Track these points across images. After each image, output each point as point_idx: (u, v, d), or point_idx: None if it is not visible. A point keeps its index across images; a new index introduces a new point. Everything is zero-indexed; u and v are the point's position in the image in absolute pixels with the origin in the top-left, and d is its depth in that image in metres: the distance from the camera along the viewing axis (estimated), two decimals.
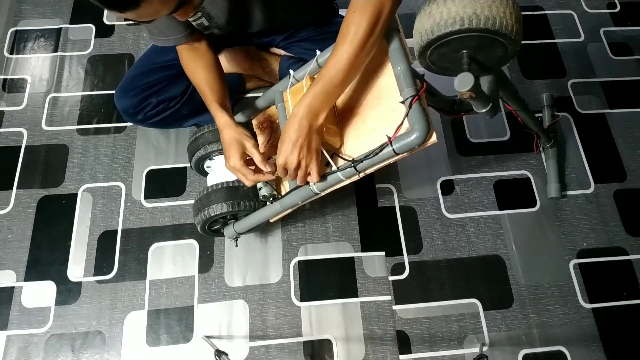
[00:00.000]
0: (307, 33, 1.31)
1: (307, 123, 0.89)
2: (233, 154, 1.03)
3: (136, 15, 0.74)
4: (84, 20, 1.67)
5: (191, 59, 1.12)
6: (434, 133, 0.85)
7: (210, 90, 1.09)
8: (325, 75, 0.88)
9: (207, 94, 1.09)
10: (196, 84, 1.13)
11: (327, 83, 0.88)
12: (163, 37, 1.08)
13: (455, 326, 1.25)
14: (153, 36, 1.10)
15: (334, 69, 0.87)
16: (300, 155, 0.92)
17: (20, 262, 1.30)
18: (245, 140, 1.03)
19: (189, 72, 1.14)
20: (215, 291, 1.28)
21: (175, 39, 1.08)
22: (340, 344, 1.23)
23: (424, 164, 1.45)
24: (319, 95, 0.89)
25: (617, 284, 1.32)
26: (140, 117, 1.33)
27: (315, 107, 0.89)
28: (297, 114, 0.90)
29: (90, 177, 1.41)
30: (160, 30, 1.07)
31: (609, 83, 1.59)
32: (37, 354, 1.21)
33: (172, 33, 1.07)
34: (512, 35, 0.79)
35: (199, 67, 1.11)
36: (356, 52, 0.85)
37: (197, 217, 1.14)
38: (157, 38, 1.09)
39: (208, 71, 1.11)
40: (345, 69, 0.87)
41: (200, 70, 1.11)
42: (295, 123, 0.90)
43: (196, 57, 1.12)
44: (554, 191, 1.39)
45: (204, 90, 1.10)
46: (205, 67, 1.11)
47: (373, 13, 0.83)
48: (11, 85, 1.55)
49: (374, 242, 1.34)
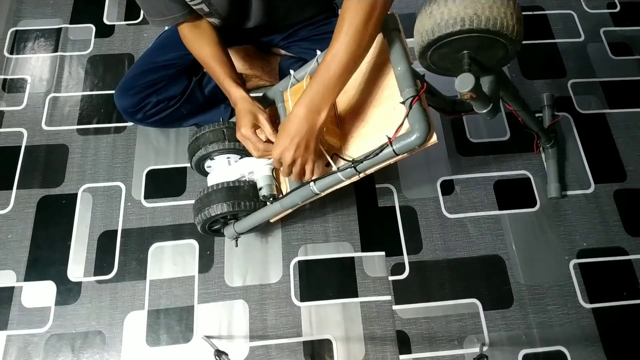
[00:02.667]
0: (307, 33, 1.31)
1: (307, 122, 0.89)
2: (245, 122, 1.03)
3: None
4: (84, 20, 1.67)
5: (195, 37, 1.11)
6: (434, 134, 0.84)
7: (220, 65, 1.09)
8: (323, 70, 0.87)
9: (217, 69, 1.09)
10: (204, 60, 1.12)
11: (326, 78, 0.86)
12: (161, 17, 1.07)
13: (455, 326, 1.25)
14: (150, 17, 1.09)
15: (332, 62, 0.85)
16: (296, 153, 0.91)
17: (20, 262, 1.30)
18: (259, 112, 1.04)
19: (194, 50, 1.13)
20: (215, 291, 1.28)
21: (173, 18, 1.07)
22: (340, 344, 1.23)
23: (424, 164, 1.45)
24: (319, 91, 0.88)
25: (617, 284, 1.32)
26: (140, 116, 1.33)
27: (316, 104, 0.88)
28: (297, 112, 0.89)
29: (90, 177, 1.41)
30: (157, 10, 1.06)
31: (609, 83, 1.59)
32: (37, 354, 1.21)
33: (170, 12, 1.06)
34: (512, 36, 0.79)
35: (203, 44, 1.10)
36: (353, 43, 0.83)
37: (197, 217, 1.14)
38: (155, 19, 1.08)
39: (215, 47, 1.11)
40: (343, 62, 0.85)
41: (207, 46, 1.10)
42: (295, 120, 0.89)
43: (199, 35, 1.11)
44: (554, 191, 1.39)
45: (214, 66, 1.09)
46: (211, 43, 1.11)
47: (368, 1, 0.81)
48: (11, 85, 1.55)
49: (374, 242, 1.34)
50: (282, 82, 1.17)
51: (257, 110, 1.04)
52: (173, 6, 1.05)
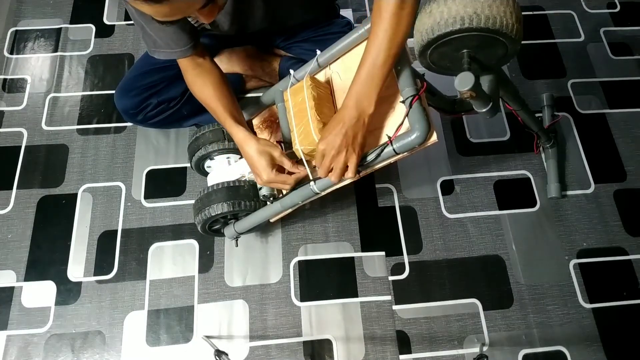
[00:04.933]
0: (308, 34, 1.31)
1: (356, 110, 0.87)
2: (264, 167, 1.00)
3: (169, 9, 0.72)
4: (84, 20, 1.67)
5: (197, 75, 1.08)
6: (434, 133, 0.85)
7: (221, 106, 1.06)
8: (366, 59, 0.86)
9: (218, 110, 1.06)
10: (205, 101, 1.09)
11: (370, 66, 0.85)
12: (168, 49, 1.04)
13: (455, 326, 1.25)
14: (158, 48, 1.05)
15: (373, 50, 0.85)
16: (342, 143, 0.88)
17: (20, 262, 1.30)
18: (271, 150, 1.01)
19: (196, 90, 1.10)
20: (215, 291, 1.28)
21: (180, 52, 1.04)
22: (340, 344, 1.23)
23: (424, 164, 1.45)
24: (364, 81, 0.86)
25: (617, 284, 1.31)
26: (140, 117, 1.33)
27: (363, 94, 0.87)
28: (346, 103, 0.88)
29: (90, 177, 1.41)
30: (165, 42, 1.02)
31: (609, 83, 1.59)
32: (37, 354, 1.21)
33: (177, 45, 1.03)
34: (512, 35, 0.79)
35: (206, 83, 1.07)
36: (391, 28, 0.83)
37: (197, 217, 1.14)
38: (162, 50, 1.05)
39: (216, 87, 1.07)
40: (385, 46, 0.84)
41: (208, 87, 1.07)
42: (343, 110, 0.88)
43: (202, 74, 1.08)
44: (554, 191, 1.39)
45: (215, 107, 1.07)
46: (213, 83, 1.08)
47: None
48: (11, 85, 1.55)
49: (374, 242, 1.34)
50: (282, 82, 1.17)
51: (269, 148, 1.01)
52: (180, 39, 1.02)
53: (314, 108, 0.96)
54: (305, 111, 0.98)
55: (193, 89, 1.11)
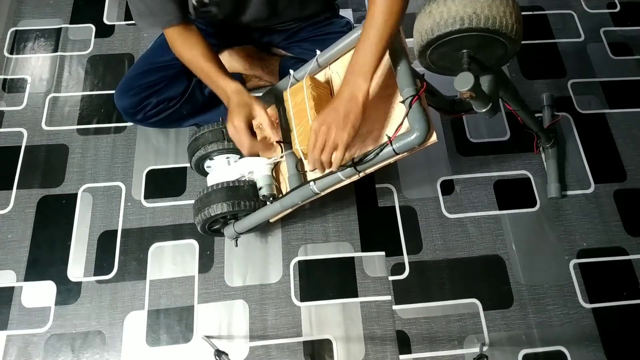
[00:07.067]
0: (308, 33, 1.31)
1: (348, 90, 0.87)
2: (238, 113, 0.99)
3: None
4: (84, 20, 1.67)
5: (184, 40, 1.08)
6: (434, 133, 0.85)
7: (211, 62, 1.06)
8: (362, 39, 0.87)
9: (208, 66, 1.06)
10: (193, 61, 1.09)
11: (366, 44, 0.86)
12: (152, 18, 1.04)
13: (455, 326, 1.25)
14: (142, 16, 1.05)
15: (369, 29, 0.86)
16: (333, 121, 0.86)
17: (20, 262, 1.30)
18: (255, 104, 1.00)
19: (183, 51, 1.09)
20: (215, 291, 1.28)
21: (165, 20, 1.04)
22: (340, 344, 1.23)
23: (424, 164, 1.45)
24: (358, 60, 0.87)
25: (617, 284, 1.31)
26: (140, 117, 1.33)
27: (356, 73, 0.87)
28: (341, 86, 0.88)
29: (90, 177, 1.41)
30: (150, 10, 1.03)
31: (609, 83, 1.59)
32: (37, 354, 1.21)
33: (163, 13, 1.03)
34: (512, 35, 0.79)
35: (192, 44, 1.08)
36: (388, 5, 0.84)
37: (197, 217, 1.14)
38: (146, 19, 1.05)
39: (204, 47, 1.08)
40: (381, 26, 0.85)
41: (196, 47, 1.07)
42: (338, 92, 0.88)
43: (190, 38, 1.08)
44: (554, 191, 1.39)
45: (203, 65, 1.07)
46: (199, 43, 1.08)
47: None
48: (11, 85, 1.55)
49: (374, 242, 1.34)
50: (282, 82, 1.18)
51: (254, 102, 1.01)
52: (166, 8, 1.02)
53: (314, 108, 0.96)
54: (305, 111, 0.98)
55: (180, 51, 1.10)
